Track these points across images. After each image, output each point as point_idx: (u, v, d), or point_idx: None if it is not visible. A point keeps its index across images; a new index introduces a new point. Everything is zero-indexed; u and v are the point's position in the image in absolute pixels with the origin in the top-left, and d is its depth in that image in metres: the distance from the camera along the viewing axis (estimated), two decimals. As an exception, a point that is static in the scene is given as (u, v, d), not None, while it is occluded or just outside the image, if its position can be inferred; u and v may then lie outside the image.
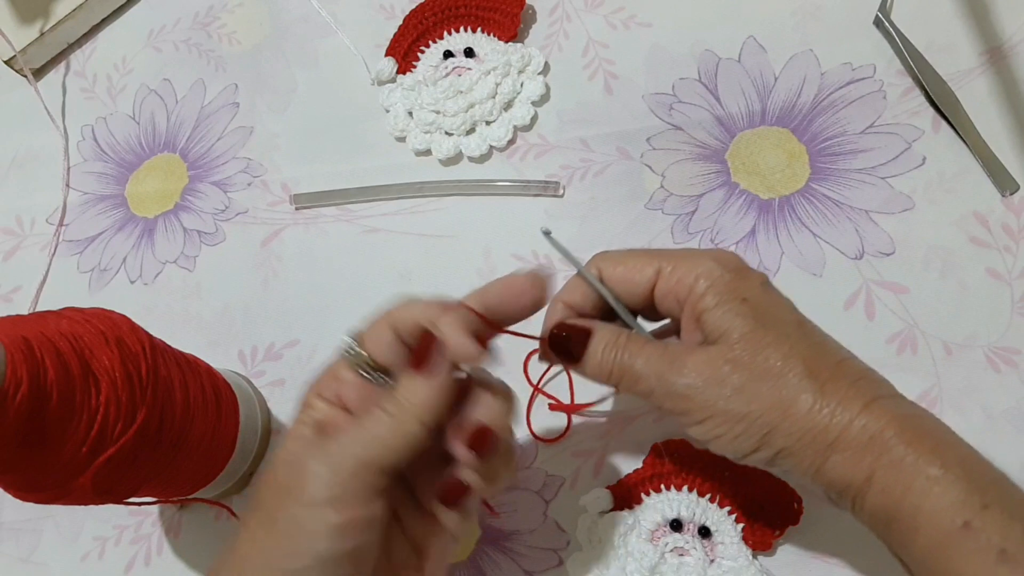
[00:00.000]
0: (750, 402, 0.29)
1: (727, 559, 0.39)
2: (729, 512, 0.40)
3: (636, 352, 0.32)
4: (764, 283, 0.32)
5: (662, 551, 0.39)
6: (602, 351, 0.32)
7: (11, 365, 0.32)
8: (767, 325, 0.30)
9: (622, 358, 0.32)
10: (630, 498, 0.41)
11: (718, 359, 0.30)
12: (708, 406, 0.30)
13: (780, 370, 0.29)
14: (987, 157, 0.43)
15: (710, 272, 0.31)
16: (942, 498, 0.27)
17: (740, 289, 0.31)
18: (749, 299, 0.31)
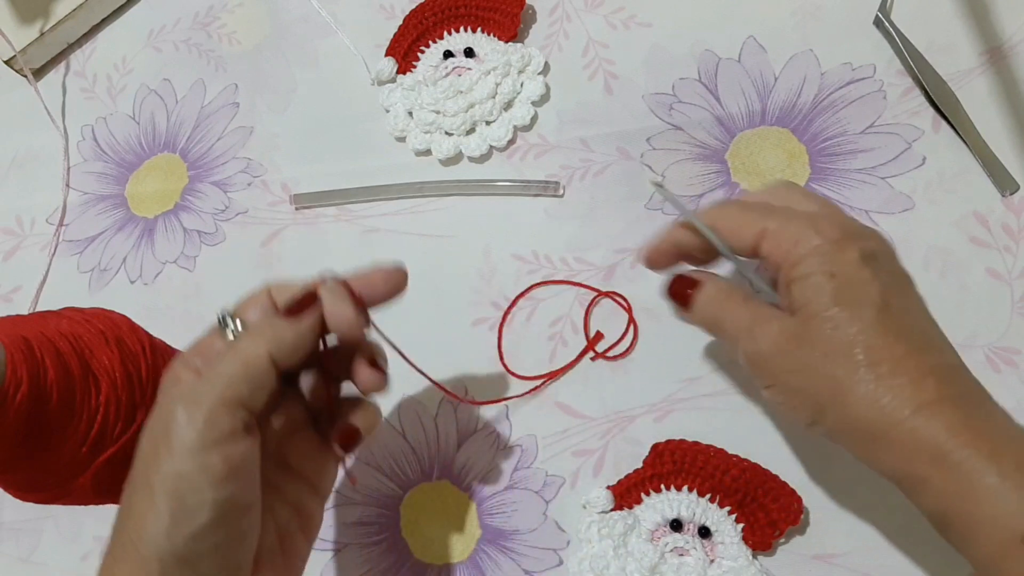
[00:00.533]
0: (807, 379, 0.30)
1: (727, 559, 0.39)
2: (729, 512, 0.40)
3: (728, 310, 0.34)
4: (864, 256, 0.31)
5: (662, 551, 0.39)
6: (703, 304, 0.35)
7: (11, 365, 0.32)
8: (845, 304, 0.30)
9: (716, 314, 0.34)
10: (630, 498, 0.41)
11: (787, 333, 0.31)
12: (773, 375, 0.32)
13: (842, 353, 0.30)
14: (987, 157, 0.43)
15: (808, 240, 0.31)
16: (1000, 508, 0.26)
17: (833, 262, 0.31)
18: (837, 275, 0.30)
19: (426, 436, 0.46)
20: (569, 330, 0.46)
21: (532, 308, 0.47)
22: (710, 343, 0.44)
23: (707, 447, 0.41)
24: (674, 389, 0.43)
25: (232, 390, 0.31)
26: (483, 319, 0.48)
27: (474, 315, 0.48)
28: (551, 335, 0.46)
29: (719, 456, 0.40)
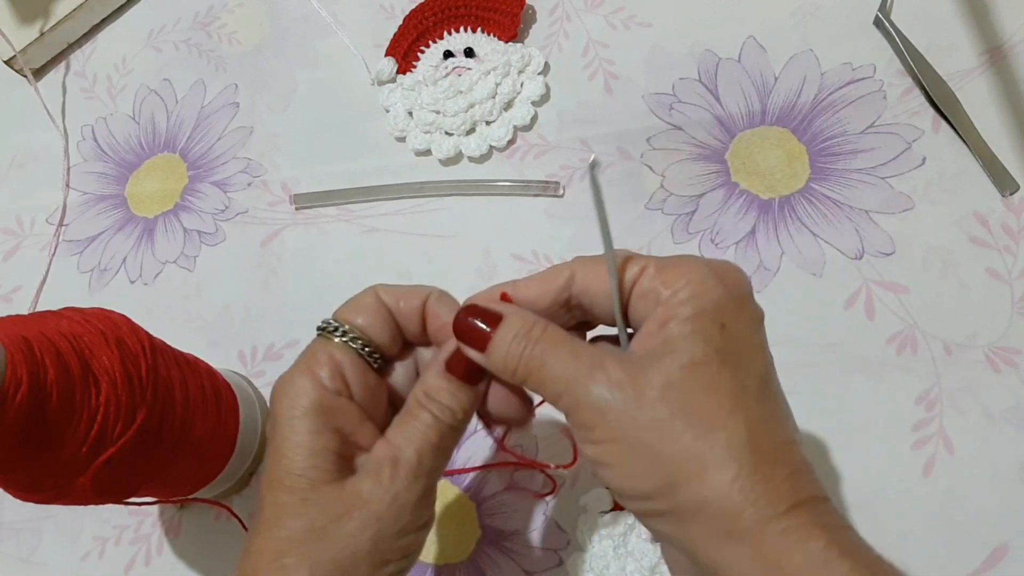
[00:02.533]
0: (665, 442, 0.24)
1: None
2: None
3: (551, 347, 0.27)
4: (756, 321, 0.27)
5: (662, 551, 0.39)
6: (510, 341, 0.27)
7: (11, 365, 0.32)
8: (728, 364, 0.25)
9: (532, 352, 0.27)
10: None
11: (653, 378, 0.25)
12: (616, 428, 0.25)
13: (716, 423, 0.24)
14: (987, 157, 0.43)
15: (703, 283, 0.26)
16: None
17: (726, 314, 0.26)
18: (728, 328, 0.26)
19: (426, 436, 0.46)
20: (569, 330, 0.46)
21: (532, 308, 0.47)
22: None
23: None
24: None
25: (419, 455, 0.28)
26: (483, 319, 0.48)
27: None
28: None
29: None
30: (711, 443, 0.24)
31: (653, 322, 0.26)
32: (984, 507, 0.38)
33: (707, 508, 0.24)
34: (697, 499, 0.24)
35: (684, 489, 0.24)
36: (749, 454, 0.24)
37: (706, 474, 0.24)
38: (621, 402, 0.25)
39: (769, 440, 0.25)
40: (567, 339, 0.27)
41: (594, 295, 0.28)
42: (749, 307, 0.27)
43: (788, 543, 0.23)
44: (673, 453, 0.24)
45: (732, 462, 0.24)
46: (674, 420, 0.24)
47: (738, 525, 0.24)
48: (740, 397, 0.25)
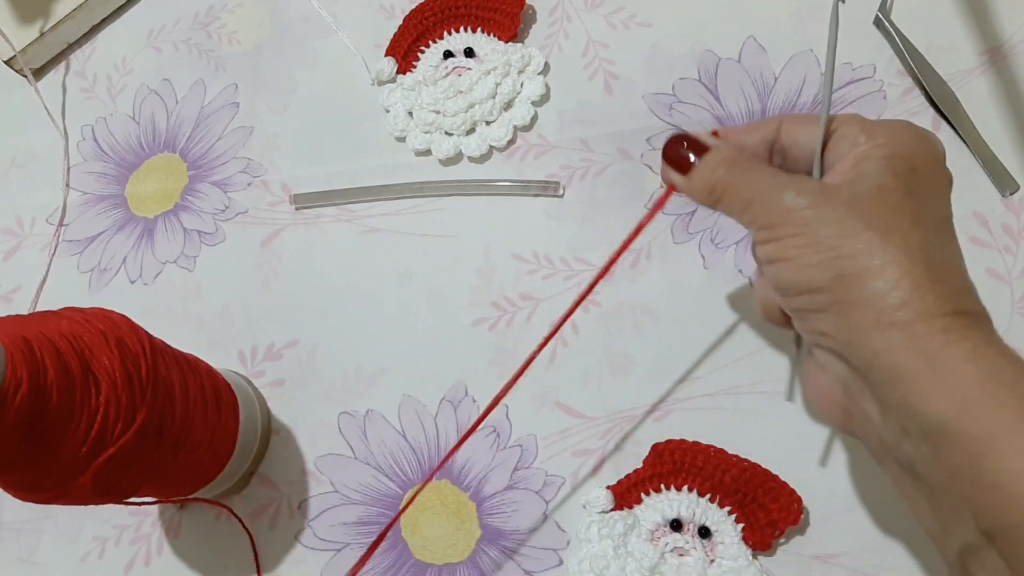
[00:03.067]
0: (844, 237, 0.26)
1: (727, 559, 0.39)
2: (729, 512, 0.40)
3: (755, 170, 0.29)
4: (945, 178, 0.29)
5: (662, 551, 0.39)
6: (717, 163, 0.30)
7: (11, 365, 0.32)
8: (915, 198, 0.27)
9: (732, 172, 0.29)
10: (630, 498, 0.41)
11: (842, 190, 0.27)
12: (801, 223, 0.27)
13: (896, 231, 0.26)
14: (987, 157, 0.43)
15: (903, 135, 0.28)
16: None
17: (919, 161, 0.28)
18: (918, 172, 0.27)
19: (426, 436, 0.46)
20: (569, 330, 0.46)
21: (532, 308, 0.47)
22: (711, 342, 0.44)
23: (707, 447, 0.41)
24: (674, 389, 0.43)
25: None
26: (483, 319, 0.48)
27: (474, 315, 0.48)
28: (551, 335, 0.46)
29: (719, 456, 0.40)
30: (888, 244, 0.26)
31: (848, 160, 0.28)
32: (984, 507, 0.38)
33: (874, 297, 0.26)
34: (865, 289, 0.26)
35: (855, 280, 0.26)
36: (922, 259, 0.26)
37: (880, 268, 0.26)
38: (809, 203, 0.27)
39: (943, 259, 0.26)
40: (767, 168, 0.29)
41: (798, 143, 0.30)
42: (941, 165, 0.29)
43: (948, 339, 0.25)
44: (851, 248, 0.26)
45: (905, 261, 0.26)
46: (857, 221, 0.26)
47: (901, 315, 0.25)
48: (920, 222, 0.26)
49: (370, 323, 0.50)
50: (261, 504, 0.47)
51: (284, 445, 0.48)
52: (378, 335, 0.49)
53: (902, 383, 0.25)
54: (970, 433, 0.24)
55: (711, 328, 0.44)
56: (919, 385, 0.25)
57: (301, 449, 0.48)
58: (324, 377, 0.49)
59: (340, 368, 0.49)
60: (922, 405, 0.25)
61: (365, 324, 0.50)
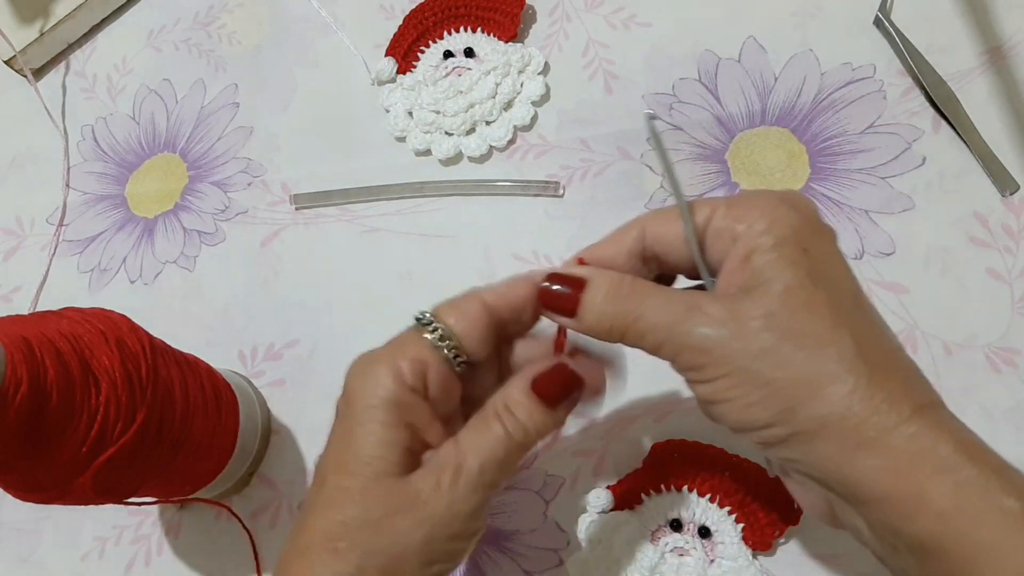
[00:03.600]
0: (778, 367, 0.25)
1: (727, 559, 0.39)
2: (729, 512, 0.40)
3: (642, 299, 0.27)
4: (833, 240, 0.27)
5: (662, 551, 0.39)
6: (602, 298, 0.28)
7: (11, 365, 0.32)
8: (821, 284, 0.25)
9: (625, 307, 0.27)
10: (630, 498, 0.41)
11: (752, 309, 0.25)
12: (726, 362, 0.25)
13: (823, 340, 0.25)
14: (987, 157, 0.43)
15: (775, 212, 0.26)
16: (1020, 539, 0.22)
17: (805, 238, 0.26)
18: (811, 251, 0.26)
19: (426, 436, 0.46)
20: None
21: (532, 308, 0.47)
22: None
23: (707, 447, 0.41)
24: (674, 389, 0.43)
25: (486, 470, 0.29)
26: (483, 319, 0.48)
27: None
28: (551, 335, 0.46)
29: (719, 456, 0.40)
30: (823, 360, 0.24)
31: (735, 258, 0.27)
32: (984, 507, 0.38)
33: (830, 424, 0.24)
34: (818, 416, 0.24)
35: (803, 409, 0.24)
36: (862, 364, 0.24)
37: (823, 391, 0.24)
38: (726, 337, 0.25)
39: (877, 349, 0.25)
40: (656, 288, 0.28)
41: (669, 243, 0.28)
42: (823, 228, 0.27)
43: (918, 448, 0.23)
44: (787, 376, 0.25)
45: (847, 374, 0.24)
46: (781, 345, 0.25)
47: (864, 435, 0.24)
48: (839, 313, 0.25)
49: (370, 323, 0.49)
50: (261, 504, 0.47)
51: (284, 445, 0.48)
52: (378, 335, 0.49)
53: (881, 506, 0.24)
54: (956, 552, 0.23)
55: (711, 328, 0.44)
56: (899, 506, 0.24)
57: (301, 449, 0.48)
58: (324, 377, 0.49)
59: (340, 368, 0.48)
60: (905, 526, 0.24)
61: (365, 324, 0.50)
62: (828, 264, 0.26)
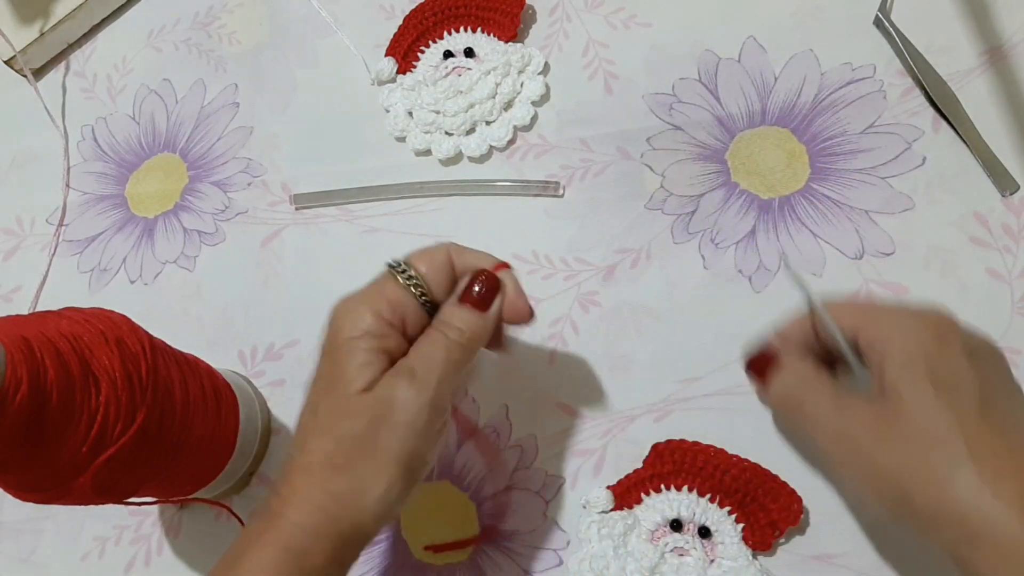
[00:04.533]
0: (897, 459, 0.29)
1: (727, 559, 0.39)
2: (729, 512, 0.40)
3: (810, 392, 0.33)
4: (968, 350, 0.31)
5: (662, 551, 0.39)
6: (782, 382, 0.35)
7: (11, 365, 0.32)
8: (945, 391, 0.29)
9: (796, 394, 0.34)
10: (630, 498, 0.41)
11: (878, 412, 0.31)
12: (858, 452, 0.31)
13: (940, 439, 0.28)
14: (987, 157, 0.43)
15: (912, 328, 0.31)
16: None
17: (935, 352, 0.30)
18: (938, 363, 0.30)
19: (426, 436, 0.46)
20: (569, 330, 0.46)
21: (532, 308, 0.47)
22: (710, 343, 0.44)
23: (707, 447, 0.41)
24: (674, 389, 0.43)
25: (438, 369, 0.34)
26: (483, 319, 0.48)
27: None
28: (551, 335, 0.46)
29: (719, 456, 0.40)
30: (936, 458, 0.28)
31: (875, 367, 0.32)
32: (984, 507, 0.38)
33: (941, 517, 0.28)
34: (930, 507, 0.28)
35: (919, 499, 0.29)
36: (971, 464, 0.28)
37: (937, 485, 0.28)
38: (859, 432, 0.31)
39: (991, 448, 0.28)
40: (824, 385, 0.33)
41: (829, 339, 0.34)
42: (953, 345, 0.31)
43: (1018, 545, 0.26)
44: (906, 469, 0.29)
45: (957, 473, 0.28)
46: (900, 443, 0.29)
47: (973, 530, 0.27)
48: (955, 416, 0.29)
49: (370, 323, 0.50)
50: (261, 504, 0.47)
51: (284, 445, 0.48)
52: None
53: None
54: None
55: (711, 328, 0.44)
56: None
57: (301, 449, 0.48)
58: (324, 377, 0.49)
59: (340, 368, 0.49)
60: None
61: (365, 324, 0.50)
62: (953, 370, 0.30)
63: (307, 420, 0.34)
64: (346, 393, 0.33)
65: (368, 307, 0.34)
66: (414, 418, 0.33)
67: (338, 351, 0.34)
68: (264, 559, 0.31)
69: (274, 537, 0.32)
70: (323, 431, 0.33)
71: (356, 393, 0.33)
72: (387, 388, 0.33)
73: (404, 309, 0.35)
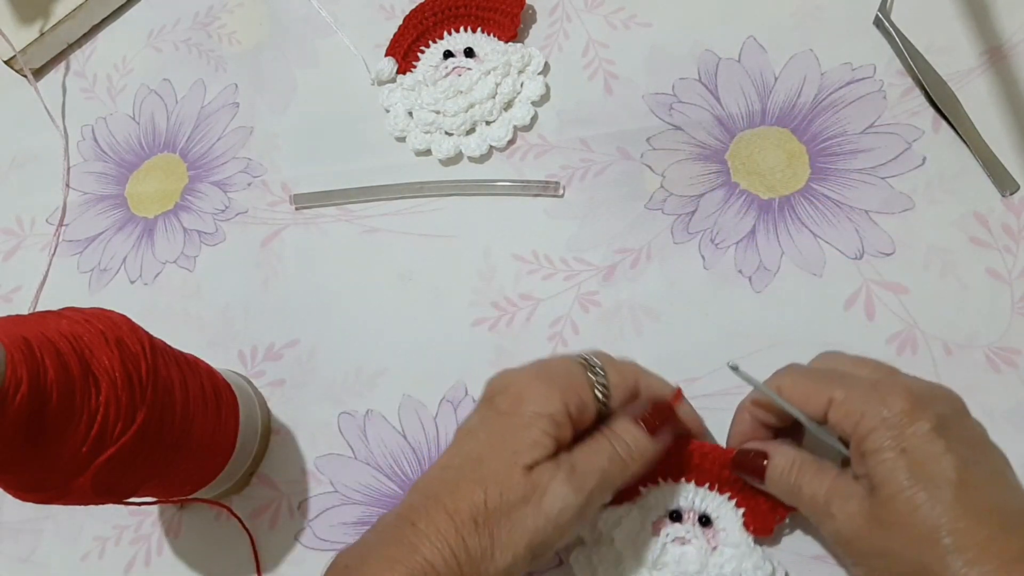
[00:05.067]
0: (891, 564, 0.31)
1: (729, 546, 0.39)
2: (729, 498, 0.40)
3: (804, 481, 0.35)
4: (935, 426, 0.31)
5: (663, 542, 0.39)
6: (779, 475, 0.36)
7: (11, 365, 0.32)
8: (922, 483, 0.30)
9: (791, 484, 0.35)
10: (629, 491, 0.41)
11: (865, 514, 0.32)
12: (856, 554, 0.33)
13: (925, 537, 0.30)
14: (987, 157, 0.43)
15: (875, 412, 0.32)
16: None
17: (904, 436, 0.31)
18: (909, 450, 0.31)
19: (426, 436, 0.46)
20: (569, 330, 0.46)
21: (532, 308, 0.47)
22: (710, 343, 0.44)
23: (702, 444, 0.41)
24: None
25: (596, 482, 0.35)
26: (483, 319, 0.48)
27: (474, 315, 0.48)
28: (551, 335, 0.46)
29: (715, 451, 0.40)
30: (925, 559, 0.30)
31: (854, 454, 0.33)
32: (984, 507, 0.38)
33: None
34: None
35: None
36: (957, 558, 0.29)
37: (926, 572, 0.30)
38: (852, 536, 0.33)
39: (974, 539, 0.29)
40: (817, 471, 0.35)
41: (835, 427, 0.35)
42: (923, 417, 0.31)
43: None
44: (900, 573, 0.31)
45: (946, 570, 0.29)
46: (890, 546, 0.31)
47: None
48: (937, 511, 0.30)
49: (370, 323, 0.50)
50: (261, 504, 0.47)
51: (284, 445, 0.48)
52: (378, 335, 0.49)
53: None
54: None
55: (711, 328, 0.44)
56: None
57: (301, 449, 0.48)
58: (324, 377, 0.49)
59: (340, 368, 0.49)
60: None
61: (365, 324, 0.50)
62: (928, 458, 0.31)
63: (465, 466, 0.35)
64: (511, 462, 0.34)
65: (560, 395, 0.36)
66: (559, 513, 0.34)
67: (518, 418, 0.35)
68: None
69: (405, 569, 0.32)
70: (478, 485, 0.34)
71: (520, 467, 0.34)
72: (546, 475, 0.34)
73: (586, 410, 0.36)
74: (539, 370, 0.37)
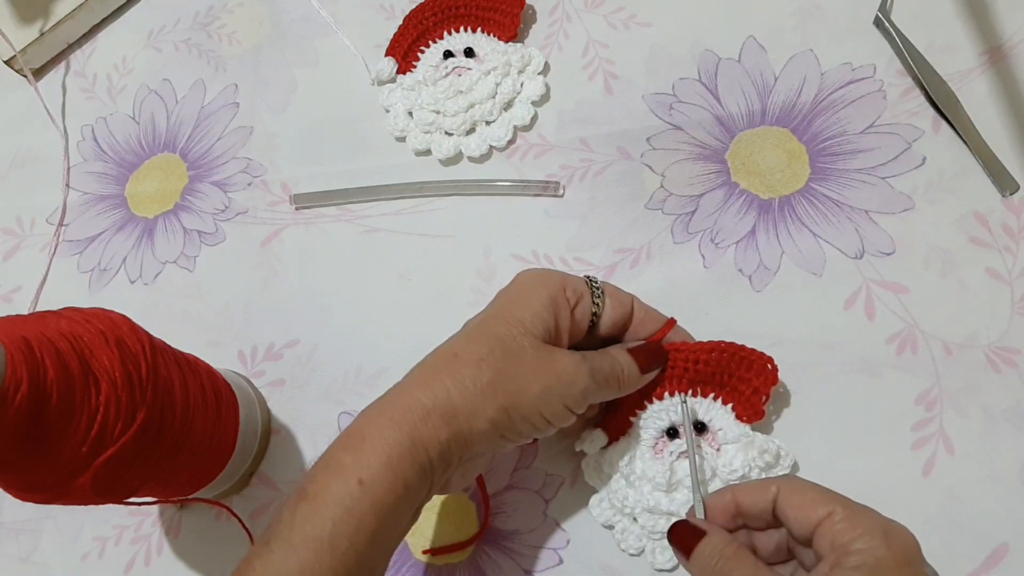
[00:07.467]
0: None
1: (730, 443, 0.39)
2: (715, 398, 0.40)
3: (737, 567, 0.33)
4: None
5: (669, 462, 0.40)
6: (707, 553, 0.34)
7: (11, 365, 0.32)
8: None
9: (723, 567, 0.33)
10: (621, 426, 0.41)
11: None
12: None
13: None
14: (987, 157, 0.43)
15: (874, 548, 0.30)
16: None
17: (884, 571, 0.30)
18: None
19: (426, 436, 0.46)
20: (569, 330, 0.46)
21: (532, 308, 0.47)
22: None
23: (671, 344, 0.41)
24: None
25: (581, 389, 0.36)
26: (483, 319, 0.48)
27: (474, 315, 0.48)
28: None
29: (684, 348, 0.40)
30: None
31: (826, 564, 0.31)
32: (984, 507, 0.38)
33: None
34: None
35: None
36: None
37: None
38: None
39: None
40: (752, 563, 0.33)
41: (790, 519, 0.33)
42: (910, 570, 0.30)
43: None
44: None
45: None
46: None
47: None
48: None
49: (370, 323, 0.50)
50: (261, 504, 0.47)
51: (284, 445, 0.48)
52: (378, 335, 0.49)
53: None
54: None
55: (711, 328, 0.44)
56: None
57: (301, 449, 0.48)
58: (324, 377, 0.49)
59: (340, 368, 0.49)
60: None
61: (365, 324, 0.50)
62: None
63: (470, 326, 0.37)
64: (513, 328, 0.36)
65: (560, 280, 0.38)
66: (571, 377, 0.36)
67: (520, 294, 0.38)
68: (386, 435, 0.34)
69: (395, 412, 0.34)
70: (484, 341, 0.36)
71: (529, 335, 0.36)
72: (566, 356, 0.36)
73: (582, 302, 0.38)
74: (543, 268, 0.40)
